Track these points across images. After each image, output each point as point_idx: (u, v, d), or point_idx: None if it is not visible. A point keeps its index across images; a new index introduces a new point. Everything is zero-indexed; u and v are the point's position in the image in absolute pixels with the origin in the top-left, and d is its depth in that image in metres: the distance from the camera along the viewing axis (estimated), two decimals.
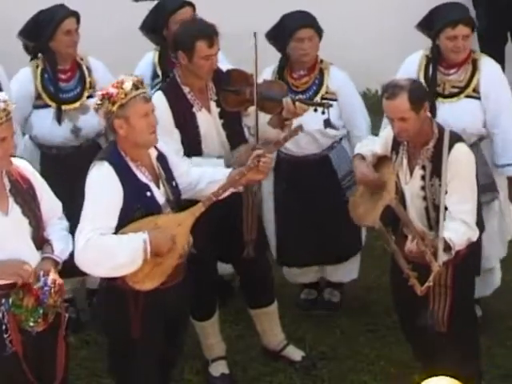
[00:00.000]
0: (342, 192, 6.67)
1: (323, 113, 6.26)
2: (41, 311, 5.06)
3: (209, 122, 6.12)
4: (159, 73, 6.71)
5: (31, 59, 6.63)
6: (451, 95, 6.29)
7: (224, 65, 6.48)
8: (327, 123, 6.45)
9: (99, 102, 5.34)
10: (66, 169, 5.97)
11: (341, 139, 6.69)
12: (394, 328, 6.29)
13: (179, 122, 6.07)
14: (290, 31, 6.48)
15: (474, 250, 5.68)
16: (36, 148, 6.61)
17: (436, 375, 5.11)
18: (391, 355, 6.45)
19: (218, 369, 6.46)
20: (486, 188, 5.86)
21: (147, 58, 6.92)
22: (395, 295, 5.95)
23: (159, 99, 5.99)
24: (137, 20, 6.90)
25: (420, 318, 5.67)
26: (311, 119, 6.31)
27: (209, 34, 5.99)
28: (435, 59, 6.35)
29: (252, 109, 6.09)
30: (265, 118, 6.18)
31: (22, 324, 5.06)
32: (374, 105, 6.73)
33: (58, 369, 5.34)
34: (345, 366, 6.51)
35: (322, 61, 6.59)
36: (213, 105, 6.15)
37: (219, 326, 6.50)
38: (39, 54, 6.60)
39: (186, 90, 6.12)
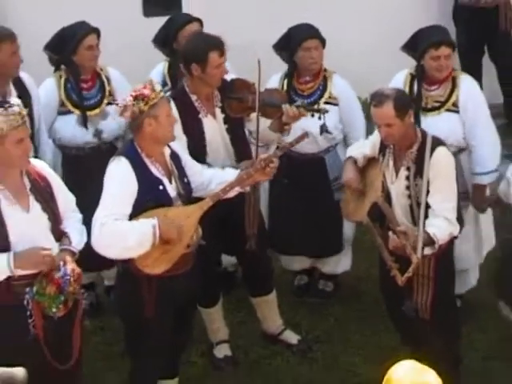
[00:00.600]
0: (331, 193, 6.71)
1: (319, 118, 6.29)
2: (62, 298, 5.11)
3: (214, 127, 6.17)
4: (168, 82, 6.74)
5: (55, 70, 6.67)
6: (433, 109, 6.35)
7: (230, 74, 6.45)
8: (323, 129, 6.51)
9: (133, 103, 5.38)
10: (85, 168, 6.03)
11: (336, 144, 6.73)
12: (383, 316, 6.25)
13: (186, 128, 6.09)
14: (298, 41, 6.54)
15: (453, 244, 5.80)
16: (58, 150, 6.66)
17: (420, 360, 5.70)
18: (380, 341, 6.50)
19: (222, 351, 6.56)
20: (460, 196, 5.86)
21: (158, 68, 6.97)
22: (383, 286, 6.04)
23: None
24: (148, 34, 6.97)
25: (405, 306, 5.73)
26: (314, 123, 6.35)
27: (219, 45, 6.05)
28: (420, 77, 6.43)
29: (254, 115, 6.11)
30: (266, 122, 6.23)
31: (46, 310, 5.11)
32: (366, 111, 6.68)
33: (73, 350, 5.34)
34: (337, 349, 6.59)
35: (325, 69, 6.67)
36: (218, 111, 6.19)
37: (223, 313, 6.56)
38: (62, 66, 6.63)
39: (193, 98, 6.15)
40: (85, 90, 6.61)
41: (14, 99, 5.44)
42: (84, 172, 5.65)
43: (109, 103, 6.61)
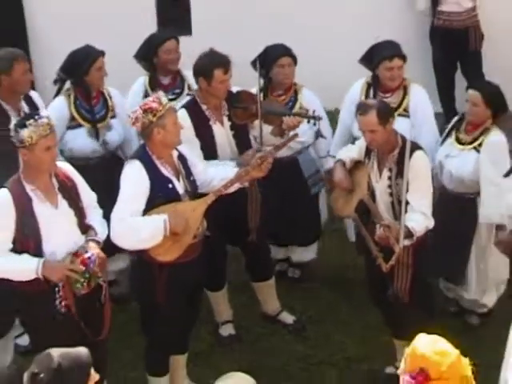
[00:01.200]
0: (307, 188, 6.74)
1: (314, 124, 6.31)
2: (87, 275, 5.14)
3: (222, 132, 6.19)
4: (150, 93, 6.53)
5: (58, 90, 6.63)
6: None
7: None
8: (318, 134, 6.59)
9: (143, 115, 5.40)
10: (92, 175, 5.86)
11: (308, 146, 6.72)
12: (368, 300, 6.18)
13: (199, 133, 6.11)
14: (273, 59, 6.52)
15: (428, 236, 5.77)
16: (65, 160, 6.37)
17: (402, 337, 5.65)
18: (366, 321, 6.48)
19: (227, 330, 6.62)
20: None
21: (140, 80, 6.92)
22: (368, 273, 6.06)
23: (183, 115, 6.00)
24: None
25: (389, 292, 5.75)
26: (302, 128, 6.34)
27: (224, 63, 6.06)
28: (375, 85, 6.48)
29: (257, 122, 6.15)
30: (267, 129, 6.26)
31: (72, 286, 5.17)
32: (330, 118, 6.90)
33: (105, 323, 5.42)
34: (328, 328, 6.61)
35: (295, 83, 6.64)
36: (225, 119, 6.21)
37: (228, 296, 6.60)
38: (67, 85, 6.59)
39: (204, 107, 6.16)
40: (94, 103, 6.58)
41: (44, 111, 5.51)
42: (91, 178, 5.53)
43: (112, 116, 6.61)
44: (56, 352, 3.89)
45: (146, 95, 6.53)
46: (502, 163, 6.01)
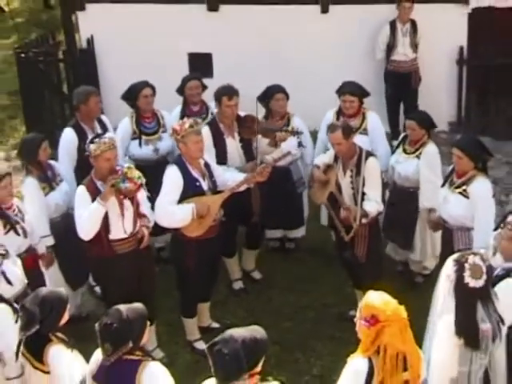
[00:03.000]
0: (295, 188, 6.69)
1: (298, 137, 6.35)
2: (123, 177, 5.09)
3: (233, 144, 6.14)
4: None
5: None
6: None
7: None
8: (300, 144, 6.51)
9: (172, 133, 5.52)
10: (149, 174, 5.66)
11: (297, 159, 6.64)
12: (338, 262, 6.08)
13: (215, 143, 6.07)
14: (271, 95, 6.47)
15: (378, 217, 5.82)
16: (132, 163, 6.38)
17: (360, 288, 5.61)
18: (338, 278, 6.35)
19: (238, 285, 6.56)
20: None
21: (177, 108, 6.77)
22: (336, 243, 6.08)
23: (206, 130, 5.99)
24: None
25: (345, 254, 5.79)
26: (290, 144, 6.35)
27: (228, 92, 6.03)
28: (341, 113, 6.46)
29: (258, 137, 6.13)
30: (265, 141, 6.24)
31: (118, 186, 5.09)
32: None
33: (152, 283, 5.48)
34: (312, 283, 6.53)
35: (288, 112, 6.58)
36: (236, 134, 6.16)
37: (238, 261, 6.57)
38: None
39: (220, 125, 6.12)
40: (147, 123, 6.54)
41: (109, 134, 5.57)
42: (148, 176, 5.49)
43: (163, 131, 6.57)
44: (123, 307, 3.81)
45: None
46: (435, 166, 6.10)
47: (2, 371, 4.24)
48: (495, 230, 4.84)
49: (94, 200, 5.15)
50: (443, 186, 5.57)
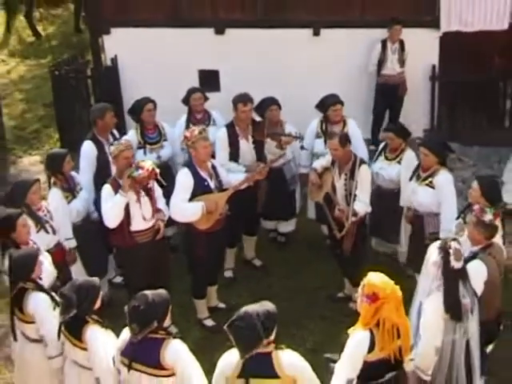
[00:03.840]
0: (288, 185, 6.61)
1: (299, 141, 6.35)
2: (140, 171, 5.12)
3: (246, 145, 6.07)
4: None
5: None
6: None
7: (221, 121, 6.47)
8: (302, 147, 6.48)
9: (183, 140, 5.46)
10: None
11: (289, 161, 6.57)
12: (328, 253, 6.13)
13: (230, 143, 6.02)
14: (266, 106, 6.37)
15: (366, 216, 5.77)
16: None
17: (348, 275, 5.61)
18: (327, 265, 6.28)
19: (229, 273, 6.42)
20: None
21: (183, 118, 6.63)
22: (329, 238, 6.02)
23: (223, 132, 6.02)
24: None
25: (339, 249, 5.73)
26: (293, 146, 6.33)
27: (243, 99, 5.98)
28: (326, 120, 6.41)
29: (267, 139, 6.12)
30: (273, 144, 6.22)
31: (132, 175, 5.10)
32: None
33: (167, 270, 5.48)
34: (303, 271, 6.47)
35: (281, 120, 6.46)
36: (249, 137, 6.08)
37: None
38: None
39: (237, 128, 6.04)
40: (150, 133, 6.48)
41: (125, 137, 5.64)
42: None
43: (164, 140, 6.50)
44: (149, 292, 3.82)
45: (188, 126, 6.35)
46: (413, 168, 5.94)
47: (44, 351, 4.29)
48: (457, 218, 4.94)
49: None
50: (411, 179, 5.60)
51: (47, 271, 4.60)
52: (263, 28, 8.45)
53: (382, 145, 6.30)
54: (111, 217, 5.15)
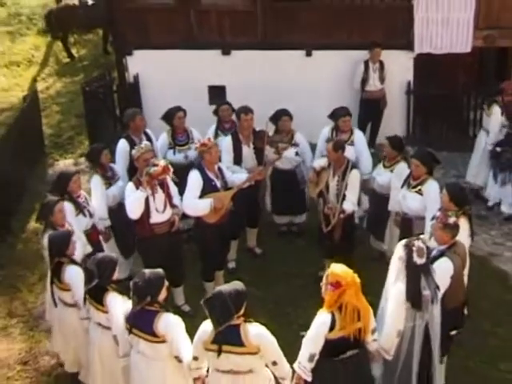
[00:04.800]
0: (299, 185, 6.47)
1: (295, 148, 6.25)
2: (155, 168, 5.04)
3: (247, 151, 6.01)
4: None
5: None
6: None
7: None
8: (297, 153, 6.34)
9: (201, 146, 5.37)
10: (181, 173, 5.65)
11: (299, 163, 6.44)
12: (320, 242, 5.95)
13: (234, 149, 5.96)
14: (279, 116, 6.28)
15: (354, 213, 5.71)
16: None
17: (332, 258, 5.29)
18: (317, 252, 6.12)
19: (232, 264, 6.28)
20: None
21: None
22: (319, 231, 5.91)
23: (228, 139, 5.97)
24: (210, 113, 6.69)
25: (328, 239, 5.70)
26: (290, 153, 6.27)
27: (244, 110, 5.96)
28: (336, 129, 6.33)
29: (266, 146, 5.94)
30: (272, 150, 6.08)
31: (149, 171, 5.00)
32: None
33: (181, 257, 5.44)
34: (299, 262, 6.29)
35: (292, 129, 6.34)
36: (251, 144, 6.03)
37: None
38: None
39: (240, 135, 5.99)
40: (180, 137, 6.39)
41: (145, 142, 5.66)
42: (180, 175, 5.49)
43: (191, 143, 6.40)
44: (147, 271, 3.95)
45: (217, 134, 6.36)
46: (403, 178, 5.84)
47: (78, 314, 4.51)
48: (431, 220, 4.80)
49: None
50: (402, 187, 5.51)
51: (79, 249, 4.70)
52: (263, 49, 8.43)
53: (383, 154, 6.23)
54: (133, 209, 5.11)
